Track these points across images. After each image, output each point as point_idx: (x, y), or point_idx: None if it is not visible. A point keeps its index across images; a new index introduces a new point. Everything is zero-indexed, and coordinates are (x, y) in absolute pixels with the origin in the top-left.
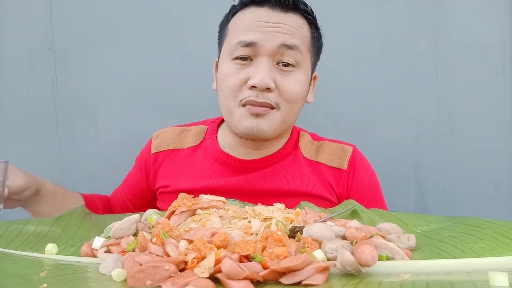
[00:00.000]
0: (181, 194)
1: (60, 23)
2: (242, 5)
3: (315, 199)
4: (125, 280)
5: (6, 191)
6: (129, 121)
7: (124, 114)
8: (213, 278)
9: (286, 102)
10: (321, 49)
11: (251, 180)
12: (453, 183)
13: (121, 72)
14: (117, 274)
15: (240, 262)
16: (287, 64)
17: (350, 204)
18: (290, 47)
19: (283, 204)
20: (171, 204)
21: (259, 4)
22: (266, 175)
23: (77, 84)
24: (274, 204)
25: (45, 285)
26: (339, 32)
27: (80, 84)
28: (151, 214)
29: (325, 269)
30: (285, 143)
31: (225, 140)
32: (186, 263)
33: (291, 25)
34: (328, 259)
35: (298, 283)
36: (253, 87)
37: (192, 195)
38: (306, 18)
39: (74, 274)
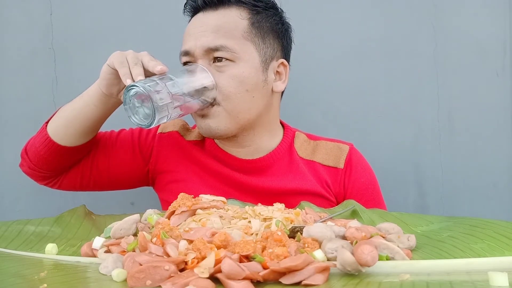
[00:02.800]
0: (181, 194)
1: (60, 23)
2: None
3: (315, 198)
4: (125, 280)
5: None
6: (128, 121)
7: (124, 114)
8: (213, 278)
9: (225, 97)
10: (285, 32)
11: (251, 179)
12: (453, 183)
13: None
14: (117, 274)
15: (240, 262)
16: (221, 59)
17: (350, 204)
18: (214, 49)
19: (283, 204)
20: (171, 204)
21: (195, 12)
22: (267, 174)
23: (77, 84)
24: (274, 204)
25: (45, 285)
26: (338, 32)
27: (80, 84)
28: (151, 214)
29: (325, 269)
30: (279, 143)
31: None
32: (186, 263)
33: (216, 24)
34: (328, 259)
35: (298, 283)
36: None
37: (192, 195)
38: (243, 7)
39: (74, 274)
